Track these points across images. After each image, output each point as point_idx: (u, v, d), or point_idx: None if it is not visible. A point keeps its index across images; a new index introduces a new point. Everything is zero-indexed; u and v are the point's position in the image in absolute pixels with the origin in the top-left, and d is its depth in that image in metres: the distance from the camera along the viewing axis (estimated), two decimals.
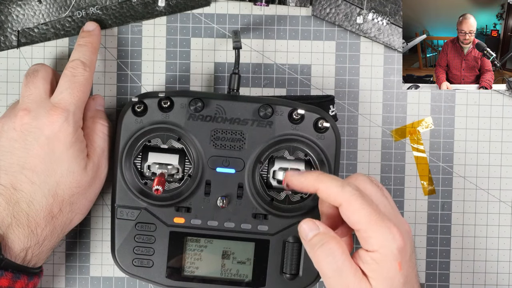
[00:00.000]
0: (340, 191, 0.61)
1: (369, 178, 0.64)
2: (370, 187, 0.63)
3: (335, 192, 0.62)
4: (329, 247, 0.61)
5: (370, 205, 0.61)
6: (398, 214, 0.64)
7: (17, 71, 0.76)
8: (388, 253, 0.60)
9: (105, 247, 0.76)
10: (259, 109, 0.70)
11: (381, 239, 0.60)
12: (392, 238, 0.60)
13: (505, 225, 0.78)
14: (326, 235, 0.62)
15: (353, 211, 0.61)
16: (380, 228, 0.60)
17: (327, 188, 0.62)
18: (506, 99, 0.77)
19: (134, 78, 0.76)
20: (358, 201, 0.61)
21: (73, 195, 0.69)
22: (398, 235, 0.60)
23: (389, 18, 0.76)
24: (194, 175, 0.71)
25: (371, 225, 0.60)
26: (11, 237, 0.66)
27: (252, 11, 0.76)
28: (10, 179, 0.67)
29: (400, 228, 0.61)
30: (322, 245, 0.62)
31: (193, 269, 0.72)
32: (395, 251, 0.60)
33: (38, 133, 0.67)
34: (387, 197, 0.64)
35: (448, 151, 0.77)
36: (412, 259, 0.62)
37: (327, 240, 0.62)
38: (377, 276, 0.61)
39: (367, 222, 0.60)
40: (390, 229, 0.60)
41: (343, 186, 0.62)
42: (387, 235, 0.60)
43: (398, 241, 0.60)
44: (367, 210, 0.60)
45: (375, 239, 0.60)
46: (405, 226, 0.63)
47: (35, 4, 0.74)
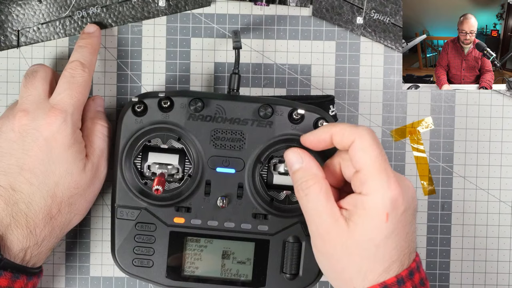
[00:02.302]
0: (354, 128, 0.62)
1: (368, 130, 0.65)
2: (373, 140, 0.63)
3: (349, 130, 0.62)
4: (307, 185, 0.63)
5: (379, 147, 0.61)
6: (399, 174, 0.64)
7: (17, 71, 0.76)
8: (379, 201, 0.60)
9: (105, 247, 0.76)
10: (259, 109, 0.70)
11: (378, 185, 0.60)
12: (387, 187, 0.60)
13: (505, 225, 0.78)
14: (309, 171, 0.63)
15: (363, 148, 0.61)
16: (380, 174, 0.60)
17: (342, 128, 0.63)
18: (506, 99, 0.77)
19: (134, 78, 0.76)
20: (370, 139, 0.61)
21: (72, 196, 0.69)
22: (394, 186, 0.60)
23: (389, 18, 0.76)
24: (194, 175, 0.71)
25: (374, 168, 0.61)
26: (10, 238, 0.66)
27: (252, 11, 0.76)
28: (9, 180, 0.67)
29: (400, 181, 0.61)
30: (302, 182, 0.63)
31: (193, 269, 0.72)
32: (387, 200, 0.60)
33: (37, 135, 0.67)
34: None
35: (448, 151, 0.77)
36: (405, 215, 0.61)
37: (307, 177, 0.63)
38: (360, 221, 0.61)
39: (371, 163, 0.61)
40: (389, 178, 0.60)
41: (357, 125, 0.63)
42: (384, 182, 0.60)
43: (393, 192, 0.60)
44: (376, 152, 0.61)
45: (372, 182, 0.60)
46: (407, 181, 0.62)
47: (35, 4, 0.74)
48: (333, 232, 0.61)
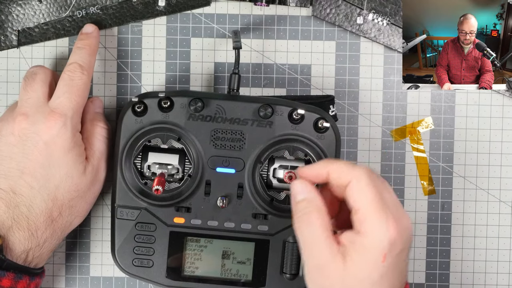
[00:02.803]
0: (351, 168, 0.62)
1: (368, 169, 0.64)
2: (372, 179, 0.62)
3: (346, 170, 0.62)
4: (309, 217, 0.62)
5: (376, 188, 0.61)
6: (401, 208, 0.63)
7: (17, 71, 0.76)
8: (377, 241, 0.60)
9: (105, 247, 0.76)
10: (259, 109, 0.70)
11: (376, 225, 0.60)
12: (386, 228, 0.60)
13: (505, 225, 0.78)
14: (312, 204, 0.62)
15: (360, 189, 0.61)
16: (378, 214, 0.60)
17: (339, 167, 0.62)
18: (506, 99, 0.77)
19: (134, 78, 0.76)
20: (367, 180, 0.61)
21: (72, 199, 0.69)
22: (393, 227, 0.60)
23: (389, 19, 0.76)
24: (194, 175, 0.71)
25: (371, 208, 0.60)
26: (11, 239, 0.66)
27: (252, 11, 0.76)
28: (9, 184, 0.67)
29: (398, 222, 0.60)
30: (304, 214, 0.62)
31: (193, 269, 0.72)
32: (385, 242, 0.60)
33: (37, 139, 0.67)
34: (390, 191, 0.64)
35: (448, 151, 0.77)
36: (401, 255, 0.61)
37: (310, 210, 0.62)
38: (357, 259, 0.60)
39: (369, 204, 0.60)
40: (387, 219, 0.60)
41: (354, 166, 0.62)
42: (382, 223, 0.60)
43: (391, 233, 0.60)
44: (372, 192, 0.60)
45: (370, 223, 0.60)
46: (405, 221, 0.62)
47: (35, 3, 0.74)
48: (330, 267, 0.61)
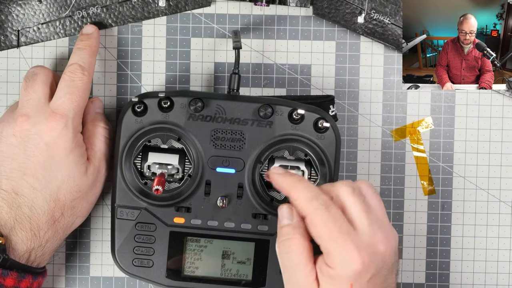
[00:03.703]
0: (306, 203, 0.61)
1: (354, 187, 0.63)
2: (350, 199, 0.62)
3: (302, 203, 0.62)
4: (290, 244, 0.62)
5: (333, 222, 0.60)
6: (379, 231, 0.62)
7: (17, 71, 0.76)
8: (342, 273, 0.60)
9: (105, 247, 0.76)
10: (259, 109, 0.70)
11: (338, 258, 0.60)
12: (348, 260, 0.59)
13: (505, 225, 0.78)
14: (295, 231, 0.62)
15: (315, 226, 0.61)
16: (338, 248, 0.60)
17: (297, 198, 0.62)
18: (506, 99, 0.77)
19: (134, 78, 0.76)
20: (321, 216, 0.60)
21: (74, 199, 0.69)
22: (356, 258, 0.59)
23: (389, 19, 0.76)
24: (194, 175, 0.71)
25: (331, 242, 0.60)
26: (14, 239, 0.66)
27: (252, 11, 0.76)
28: (11, 184, 0.67)
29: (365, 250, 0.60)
30: (286, 239, 0.62)
31: (193, 269, 0.72)
32: (350, 273, 0.59)
33: (38, 140, 0.67)
34: (372, 208, 0.63)
35: (448, 151, 0.77)
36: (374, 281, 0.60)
37: (292, 236, 0.62)
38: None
39: (326, 239, 0.60)
40: (348, 251, 0.59)
41: (311, 199, 0.61)
42: (344, 256, 0.59)
43: (354, 264, 0.59)
44: (327, 227, 0.60)
45: (332, 256, 0.60)
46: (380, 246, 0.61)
47: (35, 3, 0.74)
48: None
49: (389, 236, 0.62)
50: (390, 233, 0.62)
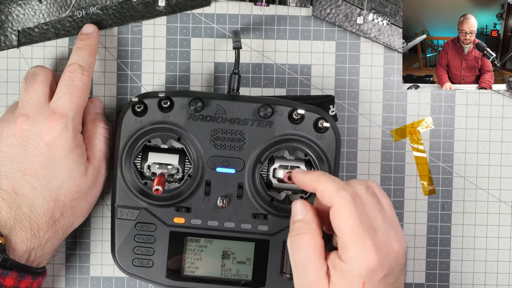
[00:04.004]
0: (334, 193, 0.61)
1: (367, 185, 0.63)
2: (364, 196, 0.62)
3: (329, 193, 0.62)
4: (301, 239, 0.62)
5: (359, 215, 0.60)
6: (393, 231, 0.62)
7: (17, 71, 0.76)
8: (356, 269, 0.59)
9: (105, 247, 0.76)
10: (259, 109, 0.70)
11: (354, 254, 0.60)
12: (364, 257, 0.59)
13: (505, 225, 0.78)
14: (308, 226, 0.62)
15: (340, 216, 0.61)
16: (357, 242, 0.60)
17: (324, 188, 0.62)
18: (506, 99, 0.77)
19: (134, 78, 0.76)
20: (348, 207, 0.60)
21: (74, 199, 0.69)
22: (372, 256, 0.59)
23: (389, 19, 0.76)
24: (194, 175, 0.71)
25: (351, 236, 0.60)
26: (14, 239, 0.66)
27: (252, 11, 0.76)
28: (11, 184, 0.67)
29: (380, 249, 0.60)
30: (298, 234, 0.62)
31: (193, 269, 0.72)
32: (363, 270, 0.59)
33: (38, 140, 0.67)
34: (385, 208, 0.63)
35: (448, 151, 0.77)
36: (386, 280, 0.60)
37: (304, 231, 0.62)
38: (338, 284, 0.60)
39: (348, 232, 0.60)
40: (366, 247, 0.59)
41: (339, 189, 0.61)
42: (361, 251, 0.59)
43: (370, 262, 0.59)
44: (352, 220, 0.60)
45: (349, 251, 0.60)
46: (394, 245, 0.61)
47: (35, 3, 0.74)
48: None
49: (401, 236, 0.62)
50: (401, 233, 0.63)
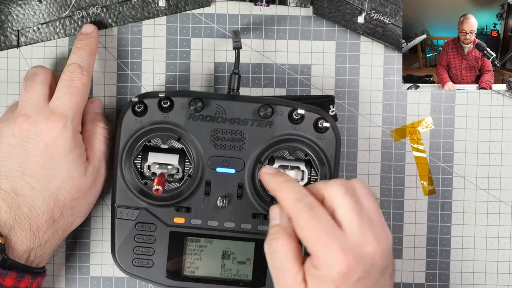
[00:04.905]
0: (292, 204, 0.61)
1: (347, 186, 0.62)
2: (342, 199, 0.61)
3: (287, 204, 0.62)
4: (276, 244, 0.62)
5: (318, 223, 0.60)
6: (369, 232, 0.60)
7: (17, 71, 0.76)
8: (327, 275, 0.59)
9: (105, 247, 0.76)
10: (259, 109, 0.70)
11: (323, 260, 0.59)
12: (332, 262, 0.59)
13: (505, 225, 0.78)
14: (283, 230, 0.62)
15: (299, 227, 0.61)
16: (322, 249, 0.59)
17: (283, 198, 0.62)
18: (506, 99, 0.77)
19: (134, 78, 0.76)
20: (305, 218, 0.60)
21: (74, 199, 0.69)
22: (341, 259, 0.59)
23: (389, 19, 0.76)
24: (194, 175, 0.71)
25: (315, 244, 0.60)
26: (13, 239, 0.66)
27: (252, 11, 0.76)
28: (11, 184, 0.67)
29: (351, 251, 0.59)
30: (273, 239, 0.62)
31: (193, 269, 0.72)
32: (335, 275, 0.59)
33: (37, 140, 0.67)
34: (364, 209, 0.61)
35: (448, 151, 0.77)
36: (360, 283, 0.60)
37: (279, 236, 0.62)
38: None
39: (311, 241, 0.60)
40: (333, 252, 0.59)
41: (296, 200, 0.61)
42: (328, 257, 0.59)
43: (339, 266, 0.59)
44: (312, 229, 0.60)
45: (318, 258, 0.60)
46: (369, 248, 0.60)
47: (35, 3, 0.74)
48: None
49: (380, 238, 0.61)
50: (381, 234, 0.61)
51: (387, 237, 0.62)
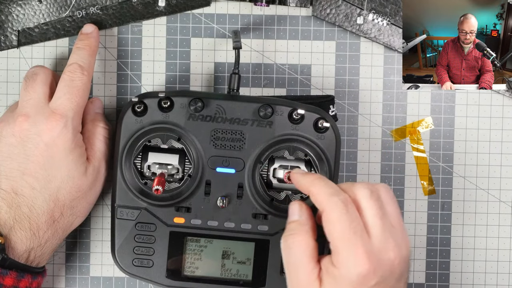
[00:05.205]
0: (326, 198, 0.61)
1: (373, 190, 0.62)
2: (368, 202, 0.61)
3: (321, 197, 0.62)
4: (293, 240, 0.62)
5: (349, 221, 0.60)
6: (391, 238, 0.61)
7: (17, 71, 0.76)
8: (346, 275, 0.59)
9: (105, 247, 0.76)
10: (259, 109, 0.70)
11: (345, 259, 0.59)
12: (355, 263, 0.59)
13: (505, 225, 0.78)
14: (301, 227, 0.62)
15: (329, 222, 0.60)
16: (347, 248, 0.59)
17: (317, 193, 0.62)
18: (506, 99, 0.77)
19: (134, 78, 0.76)
20: (338, 213, 0.60)
21: (74, 199, 0.69)
22: (363, 262, 0.59)
23: (389, 19, 0.76)
24: (194, 175, 0.71)
25: (341, 242, 0.60)
26: (13, 239, 0.66)
27: (252, 11, 0.76)
28: (11, 184, 0.67)
29: (374, 256, 0.59)
30: (290, 235, 0.62)
31: (193, 269, 0.72)
32: (354, 276, 0.59)
33: (37, 140, 0.67)
34: (388, 215, 0.62)
35: (448, 151, 0.77)
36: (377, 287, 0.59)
37: (297, 232, 0.62)
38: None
39: (338, 237, 0.60)
40: (356, 253, 0.59)
41: (331, 195, 0.61)
42: (351, 257, 0.59)
43: (360, 268, 0.59)
44: (342, 225, 0.59)
45: (340, 256, 0.59)
46: (390, 254, 0.60)
47: (35, 3, 0.74)
48: None
49: (401, 245, 0.61)
50: (402, 241, 0.62)
51: (407, 244, 0.62)
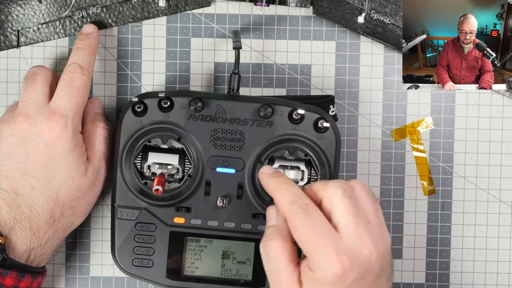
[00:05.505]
0: (287, 206, 0.61)
1: (346, 188, 0.62)
2: (339, 201, 0.61)
3: (282, 206, 0.62)
4: (271, 245, 0.62)
5: (312, 225, 0.60)
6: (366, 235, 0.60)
7: (17, 71, 0.76)
8: (322, 277, 0.59)
9: (105, 247, 0.76)
10: (259, 109, 0.70)
11: (317, 262, 0.59)
12: (327, 264, 0.59)
13: (505, 225, 0.78)
14: (278, 231, 0.62)
15: (294, 229, 0.61)
16: (317, 251, 0.59)
17: (279, 200, 0.62)
18: (506, 99, 0.77)
19: (134, 78, 0.76)
20: (299, 220, 0.60)
21: (74, 199, 0.69)
22: (335, 261, 0.59)
23: (389, 19, 0.76)
24: (194, 175, 0.71)
25: (309, 246, 0.60)
26: (14, 239, 0.66)
27: (252, 11, 0.76)
28: (11, 184, 0.67)
29: (345, 254, 0.59)
30: (268, 240, 0.62)
31: (193, 269, 0.72)
32: (329, 277, 0.59)
33: (38, 140, 0.67)
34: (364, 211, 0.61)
35: (448, 151, 0.77)
36: (355, 285, 0.59)
37: (274, 237, 0.62)
38: None
39: (306, 242, 0.60)
40: (327, 255, 0.59)
41: (291, 202, 0.61)
42: (323, 259, 0.59)
43: (334, 268, 0.59)
44: (306, 231, 0.60)
45: (313, 260, 0.60)
46: (364, 251, 0.60)
47: (35, 4, 0.74)
48: None
49: (377, 241, 0.61)
50: (378, 237, 0.61)
51: (385, 239, 0.62)
